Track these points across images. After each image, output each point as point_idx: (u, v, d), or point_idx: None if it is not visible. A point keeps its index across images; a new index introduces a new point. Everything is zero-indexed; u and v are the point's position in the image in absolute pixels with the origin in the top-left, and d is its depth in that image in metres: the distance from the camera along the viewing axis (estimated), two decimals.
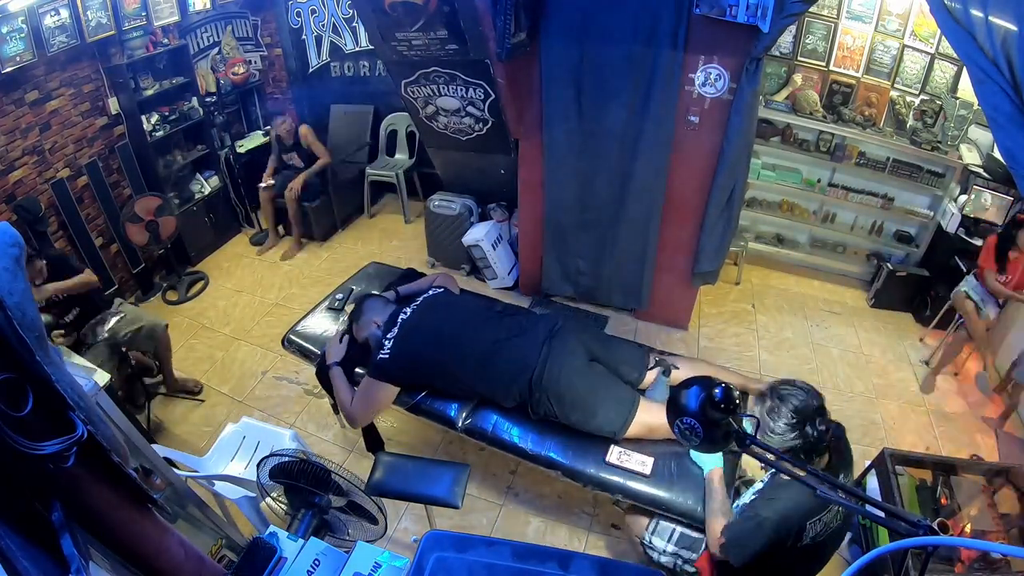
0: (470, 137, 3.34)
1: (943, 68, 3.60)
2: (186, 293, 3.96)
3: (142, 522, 0.96)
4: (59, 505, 0.79)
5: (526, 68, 2.81)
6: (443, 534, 1.29)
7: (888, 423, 3.00)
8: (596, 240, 3.26)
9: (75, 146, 3.45)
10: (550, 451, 2.07)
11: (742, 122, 2.58)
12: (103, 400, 1.71)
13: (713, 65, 2.55)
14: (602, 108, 2.79)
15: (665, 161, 2.86)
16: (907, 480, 2.31)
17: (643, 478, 1.96)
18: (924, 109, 3.64)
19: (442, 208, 3.87)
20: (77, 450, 0.74)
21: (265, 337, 3.53)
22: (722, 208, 2.86)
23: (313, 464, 1.64)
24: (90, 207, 3.60)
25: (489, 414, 2.20)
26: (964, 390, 3.21)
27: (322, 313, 2.73)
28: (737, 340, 3.53)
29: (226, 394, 3.16)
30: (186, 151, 4.19)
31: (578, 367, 2.05)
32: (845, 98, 3.78)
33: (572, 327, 2.21)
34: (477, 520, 2.50)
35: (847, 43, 3.71)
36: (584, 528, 2.47)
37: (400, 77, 3.12)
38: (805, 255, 4.17)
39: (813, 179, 3.96)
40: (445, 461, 2.11)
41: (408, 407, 2.26)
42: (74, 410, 0.76)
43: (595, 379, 2.07)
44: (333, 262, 4.30)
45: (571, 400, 2.01)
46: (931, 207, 3.84)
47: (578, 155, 2.99)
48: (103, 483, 0.88)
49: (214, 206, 4.37)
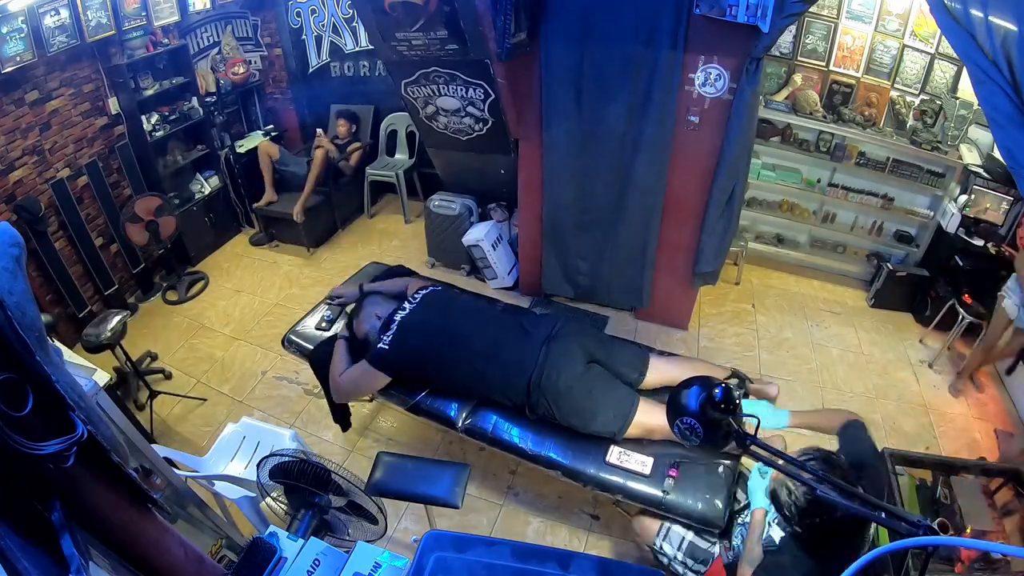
0: (470, 137, 3.34)
1: (943, 68, 3.60)
2: (186, 293, 3.96)
3: (142, 522, 0.96)
4: (59, 505, 0.79)
5: (526, 68, 2.81)
6: (443, 534, 1.29)
7: (888, 423, 3.00)
8: (596, 240, 3.27)
9: (75, 146, 3.46)
10: (550, 451, 2.08)
11: (742, 122, 2.58)
12: (103, 400, 1.71)
13: (713, 65, 2.55)
14: (602, 108, 2.79)
15: (665, 161, 2.86)
16: (907, 480, 2.31)
17: (643, 478, 1.96)
18: (924, 109, 3.64)
19: (442, 208, 3.87)
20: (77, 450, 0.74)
21: (265, 337, 3.53)
22: (723, 208, 2.86)
23: (313, 464, 1.64)
24: (90, 207, 3.60)
25: (489, 414, 2.20)
26: (964, 390, 3.21)
27: (322, 313, 2.72)
28: (737, 340, 3.53)
29: (226, 394, 3.16)
30: (186, 151, 4.19)
31: (577, 372, 2.04)
32: (845, 98, 3.78)
33: (571, 329, 2.20)
34: (477, 520, 2.50)
35: (847, 43, 3.71)
36: (584, 528, 2.47)
37: (400, 77, 3.12)
38: (805, 255, 4.17)
39: (813, 179, 3.96)
40: (445, 461, 2.11)
41: (408, 407, 2.26)
42: (74, 410, 0.76)
43: (593, 383, 2.05)
44: (334, 262, 4.30)
45: (569, 406, 2.01)
46: (931, 207, 3.84)
47: (578, 155, 2.99)
48: (103, 483, 0.88)
49: (214, 206, 4.37)
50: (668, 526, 1.92)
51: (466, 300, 2.52)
